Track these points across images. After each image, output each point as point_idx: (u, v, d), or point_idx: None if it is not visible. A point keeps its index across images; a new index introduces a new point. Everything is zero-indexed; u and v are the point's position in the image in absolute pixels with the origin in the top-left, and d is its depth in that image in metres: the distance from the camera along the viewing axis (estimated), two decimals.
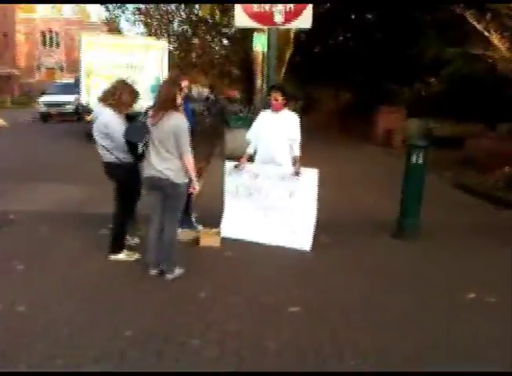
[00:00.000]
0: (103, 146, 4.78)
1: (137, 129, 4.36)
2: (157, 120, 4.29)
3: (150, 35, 29.94)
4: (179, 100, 4.36)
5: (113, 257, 4.95)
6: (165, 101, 4.29)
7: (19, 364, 3.08)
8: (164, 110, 4.27)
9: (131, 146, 4.39)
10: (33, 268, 4.66)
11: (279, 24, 6.37)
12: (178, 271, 4.59)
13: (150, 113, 4.38)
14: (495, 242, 5.94)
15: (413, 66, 18.24)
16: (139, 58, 14.38)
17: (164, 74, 14.11)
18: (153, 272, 4.59)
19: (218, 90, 60.24)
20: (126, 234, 5.09)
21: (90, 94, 13.84)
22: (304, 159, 5.70)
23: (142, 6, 27.04)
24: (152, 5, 26.77)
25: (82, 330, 3.50)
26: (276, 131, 5.55)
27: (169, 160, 4.34)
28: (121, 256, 4.95)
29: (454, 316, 3.97)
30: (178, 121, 4.29)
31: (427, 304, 4.19)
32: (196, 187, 4.55)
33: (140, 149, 4.35)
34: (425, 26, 16.65)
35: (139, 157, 4.46)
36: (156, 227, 4.58)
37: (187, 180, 4.44)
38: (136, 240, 5.38)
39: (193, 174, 4.44)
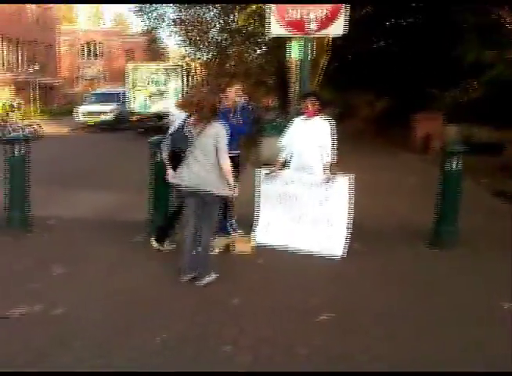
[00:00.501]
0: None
1: (183, 138, 4.51)
2: (199, 129, 4.43)
3: (189, 45, 30.42)
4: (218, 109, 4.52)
5: (155, 243, 5.35)
6: (206, 111, 4.43)
7: (55, 364, 3.16)
8: (206, 119, 4.42)
9: (175, 154, 4.58)
10: (71, 273, 4.77)
11: (313, 32, 6.39)
12: (211, 277, 4.62)
13: (191, 121, 4.52)
14: None
15: (453, 71, 17.92)
16: (163, 77, 21.79)
17: (181, 87, 21.38)
18: (186, 278, 4.62)
19: (254, 99, 60.54)
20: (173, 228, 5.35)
21: (134, 102, 21.43)
22: (340, 166, 5.69)
23: (179, 16, 27.48)
24: (189, 15, 27.16)
25: (118, 334, 3.57)
26: (309, 138, 5.55)
27: (208, 168, 4.45)
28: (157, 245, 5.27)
29: (489, 326, 3.88)
30: (218, 130, 4.44)
31: (463, 313, 4.11)
32: (236, 192, 4.64)
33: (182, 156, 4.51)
34: (465, 29, 16.35)
35: (177, 164, 4.61)
36: (192, 233, 4.65)
37: (225, 189, 4.52)
38: (173, 246, 5.45)
39: (231, 180, 4.53)
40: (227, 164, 4.46)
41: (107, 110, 23.96)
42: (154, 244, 5.41)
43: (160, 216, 5.77)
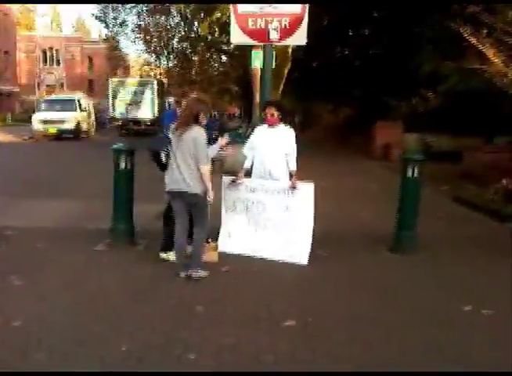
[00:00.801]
0: None
1: (160, 140, 4.82)
2: (179, 133, 4.64)
3: (149, 53, 30.25)
4: (202, 117, 4.72)
5: (164, 255, 5.34)
6: (188, 116, 4.65)
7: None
8: (186, 124, 4.64)
9: (155, 155, 4.77)
10: (30, 283, 4.66)
11: (275, 41, 6.46)
12: (202, 273, 4.88)
13: (173, 126, 4.74)
14: (492, 255, 5.96)
15: (411, 81, 18.37)
16: (141, 90, 26.32)
17: (156, 98, 26.28)
18: (183, 274, 4.87)
19: (217, 107, 60.57)
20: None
21: (115, 110, 26.64)
22: (302, 173, 5.74)
23: (141, 23, 27.35)
24: (151, 23, 27.05)
25: (78, 346, 3.50)
26: (272, 145, 5.59)
27: (189, 171, 4.66)
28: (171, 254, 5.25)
29: (450, 329, 3.97)
30: (197, 134, 4.64)
31: (423, 316, 4.19)
32: (211, 198, 4.81)
33: (163, 158, 4.74)
34: (422, 41, 16.81)
35: (163, 167, 4.82)
36: (182, 233, 4.92)
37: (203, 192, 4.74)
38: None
39: (209, 184, 4.73)
40: (205, 169, 4.67)
41: (67, 118, 22.93)
42: (162, 255, 5.38)
43: (123, 224, 5.74)
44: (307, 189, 5.54)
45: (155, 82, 26.73)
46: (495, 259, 5.78)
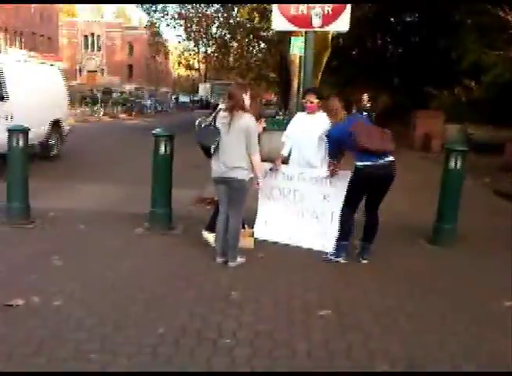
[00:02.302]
0: None
1: (210, 132, 4.75)
2: (229, 120, 4.63)
3: (189, 39, 30.31)
4: (247, 103, 4.72)
5: (206, 234, 5.47)
6: (237, 103, 4.63)
7: (54, 357, 3.15)
8: (235, 110, 4.62)
9: (204, 148, 4.76)
10: (71, 264, 4.77)
11: (317, 27, 6.37)
12: (240, 259, 4.94)
13: (221, 113, 4.74)
14: None
15: (453, 71, 17.92)
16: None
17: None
18: (219, 260, 4.96)
19: (255, 93, 60.48)
20: None
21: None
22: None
23: (181, 10, 27.39)
24: (191, 10, 27.07)
25: (117, 327, 3.57)
26: (311, 133, 5.54)
27: (235, 158, 4.67)
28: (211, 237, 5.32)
29: (489, 325, 3.89)
30: (249, 122, 4.65)
31: (461, 311, 4.12)
32: (260, 184, 4.98)
33: (212, 150, 4.72)
34: (466, 29, 16.35)
35: (210, 155, 4.82)
36: (223, 218, 4.95)
37: (251, 176, 4.80)
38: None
39: (259, 172, 4.85)
40: (257, 158, 4.74)
41: None
42: (205, 233, 5.50)
43: (161, 208, 5.83)
44: (345, 178, 5.47)
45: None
46: None
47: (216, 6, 26.18)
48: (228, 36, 26.76)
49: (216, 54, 30.49)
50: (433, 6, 18.66)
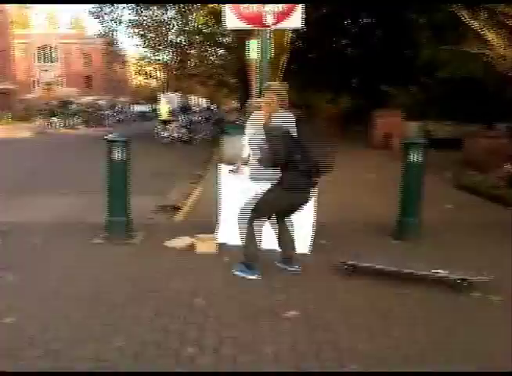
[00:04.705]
0: None
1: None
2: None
3: (146, 47, 29.99)
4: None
5: None
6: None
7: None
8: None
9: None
10: (23, 278, 4.52)
11: (271, 25, 6.29)
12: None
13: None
14: (497, 240, 5.82)
15: (410, 69, 18.19)
16: None
17: None
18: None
19: (216, 100, 60.41)
20: None
21: None
22: None
23: (136, 18, 27.07)
24: (147, 17, 26.78)
25: (73, 342, 3.36)
26: None
27: None
28: None
29: (457, 316, 3.84)
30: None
31: (429, 304, 4.06)
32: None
33: None
34: (420, 27, 16.61)
35: None
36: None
37: None
38: None
39: None
40: None
41: None
42: None
43: (119, 216, 5.62)
44: None
45: None
46: (500, 244, 5.65)
47: (172, 12, 25.99)
48: (187, 43, 26.60)
49: (174, 62, 30.26)
50: (387, 7, 18.96)
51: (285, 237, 4.90)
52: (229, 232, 5.62)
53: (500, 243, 5.70)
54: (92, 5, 26.96)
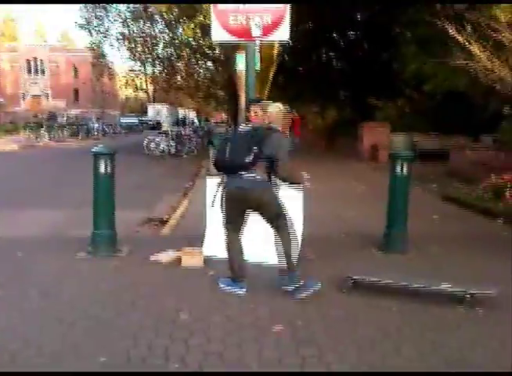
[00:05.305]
0: None
1: None
2: None
3: (134, 60, 30.02)
4: None
5: None
6: None
7: None
8: None
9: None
10: (5, 293, 4.44)
11: (258, 38, 6.31)
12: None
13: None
14: (484, 252, 5.84)
15: (396, 82, 18.36)
16: None
17: None
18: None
19: (204, 113, 60.49)
20: None
21: None
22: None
23: (125, 31, 27.12)
24: (135, 30, 26.84)
25: (55, 358, 3.29)
26: None
27: None
28: None
29: (441, 327, 3.83)
30: None
31: (414, 317, 4.04)
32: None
33: None
34: (406, 41, 16.80)
35: None
36: None
37: None
38: None
39: None
40: None
41: None
42: None
43: (104, 230, 5.56)
44: (295, 192, 5.36)
45: None
46: (487, 256, 5.67)
47: (160, 26, 26.07)
48: (174, 55, 26.64)
49: (163, 74, 30.29)
50: (374, 21, 19.17)
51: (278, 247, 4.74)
52: (216, 245, 5.57)
53: (487, 255, 5.71)
54: (81, 17, 27.03)
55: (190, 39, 21.56)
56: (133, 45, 27.76)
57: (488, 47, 9.33)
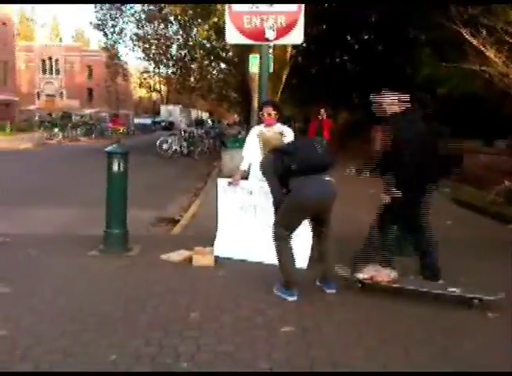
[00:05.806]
0: None
1: None
2: None
3: (148, 60, 30.16)
4: None
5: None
6: None
7: None
8: None
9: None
10: (18, 290, 4.50)
11: (271, 40, 6.33)
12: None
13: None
14: (494, 256, 5.81)
15: (409, 85, 18.25)
16: None
17: None
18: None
19: (216, 114, 60.65)
20: None
21: None
22: None
23: (140, 32, 27.27)
24: (150, 30, 26.97)
25: (67, 355, 3.33)
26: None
27: None
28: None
29: (452, 331, 3.81)
30: None
31: (423, 320, 4.03)
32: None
33: None
34: (420, 45, 16.72)
35: None
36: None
37: None
38: None
39: None
40: None
41: None
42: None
43: (116, 229, 5.61)
44: None
45: None
46: (500, 258, 5.64)
47: (175, 27, 26.17)
48: (188, 57, 26.74)
49: (177, 75, 30.42)
50: (388, 24, 19.09)
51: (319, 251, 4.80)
52: (226, 245, 5.61)
53: (498, 259, 5.67)
54: (96, 18, 27.22)
55: (204, 41, 21.64)
56: (147, 46, 27.90)
57: (504, 51, 9.27)
